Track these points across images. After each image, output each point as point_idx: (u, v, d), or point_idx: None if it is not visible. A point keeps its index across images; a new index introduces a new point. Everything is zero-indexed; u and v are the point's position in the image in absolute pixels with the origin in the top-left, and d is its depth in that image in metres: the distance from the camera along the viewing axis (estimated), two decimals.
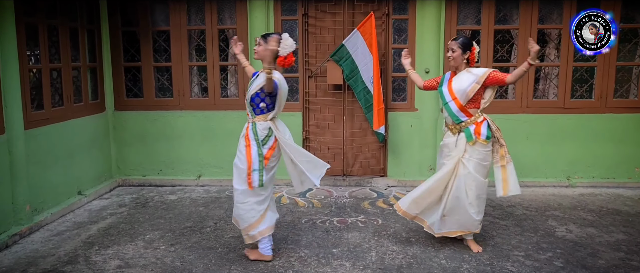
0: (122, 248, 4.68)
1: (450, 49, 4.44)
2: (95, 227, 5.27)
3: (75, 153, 6.05)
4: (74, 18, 6.08)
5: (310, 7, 6.64)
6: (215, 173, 6.95)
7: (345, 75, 6.49)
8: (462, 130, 4.41)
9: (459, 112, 4.41)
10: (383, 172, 6.95)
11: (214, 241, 4.86)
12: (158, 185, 6.92)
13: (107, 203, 6.13)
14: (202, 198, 6.32)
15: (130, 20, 6.88)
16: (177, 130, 6.91)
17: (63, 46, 5.83)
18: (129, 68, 6.95)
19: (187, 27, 6.76)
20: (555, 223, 5.33)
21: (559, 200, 6.12)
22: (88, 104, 6.39)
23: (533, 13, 6.49)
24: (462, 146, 4.39)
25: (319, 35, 6.69)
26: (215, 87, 6.84)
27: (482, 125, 4.37)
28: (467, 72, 4.44)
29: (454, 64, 4.47)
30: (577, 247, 4.67)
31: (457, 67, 4.49)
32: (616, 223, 5.31)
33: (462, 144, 4.39)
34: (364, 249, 4.64)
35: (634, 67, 6.72)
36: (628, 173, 6.74)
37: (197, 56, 6.99)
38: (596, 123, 6.66)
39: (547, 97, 6.81)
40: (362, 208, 5.84)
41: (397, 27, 6.74)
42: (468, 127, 4.38)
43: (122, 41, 6.82)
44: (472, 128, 4.36)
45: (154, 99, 6.92)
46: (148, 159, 6.98)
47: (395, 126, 6.78)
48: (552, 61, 6.73)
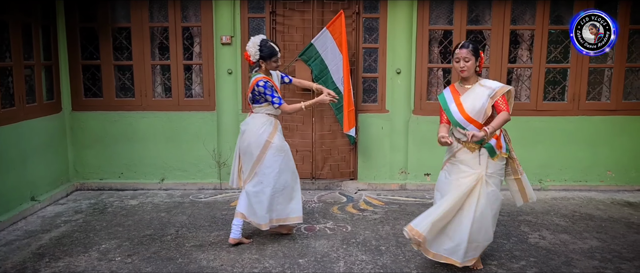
0: (74, 260, 4.38)
1: (462, 59, 3.88)
2: (47, 236, 4.95)
3: (28, 156, 5.70)
4: (28, 13, 5.73)
5: (278, 4, 6.40)
6: (179, 176, 6.66)
7: (315, 75, 6.27)
8: (483, 146, 3.89)
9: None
10: (353, 175, 6.76)
11: (174, 251, 4.59)
12: (119, 189, 6.61)
13: (62, 209, 5.81)
14: (165, 203, 6.04)
15: (88, 16, 6.52)
16: (139, 132, 6.61)
17: (14, 43, 5.46)
18: (88, 67, 6.60)
19: (149, 24, 6.45)
20: (528, 228, 5.21)
21: (531, 204, 5.97)
22: (43, 104, 6.04)
23: (505, 14, 6.37)
24: (485, 162, 3.88)
25: (287, 34, 6.46)
26: (179, 87, 6.56)
27: (500, 138, 3.96)
28: (479, 86, 3.94)
29: (467, 75, 3.94)
30: (551, 255, 4.54)
31: (467, 78, 3.99)
32: (589, 229, 5.21)
33: (485, 160, 3.88)
34: (332, 259, 4.43)
35: (605, 69, 6.65)
36: (600, 176, 6.68)
37: (160, 54, 6.69)
38: (569, 126, 6.58)
39: (519, 99, 6.69)
40: (331, 214, 5.64)
41: (367, 26, 6.55)
42: (489, 142, 3.87)
43: (80, 37, 6.47)
44: (494, 143, 3.88)
45: (115, 99, 6.60)
46: (108, 162, 6.66)
47: (365, 128, 6.59)
48: (525, 62, 6.62)
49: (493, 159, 3.90)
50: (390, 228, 5.20)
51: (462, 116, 3.90)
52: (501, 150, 3.94)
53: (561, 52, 6.66)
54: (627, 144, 6.62)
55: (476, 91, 3.93)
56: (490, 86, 3.92)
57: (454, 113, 3.93)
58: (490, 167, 3.91)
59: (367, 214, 5.65)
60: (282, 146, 4.68)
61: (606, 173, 6.67)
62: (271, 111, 4.63)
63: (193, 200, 6.16)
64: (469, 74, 3.94)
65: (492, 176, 3.93)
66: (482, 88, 3.91)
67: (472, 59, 3.89)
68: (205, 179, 6.65)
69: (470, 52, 3.88)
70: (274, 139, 4.59)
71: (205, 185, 6.64)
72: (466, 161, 3.92)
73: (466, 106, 3.91)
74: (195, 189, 6.60)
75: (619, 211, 5.81)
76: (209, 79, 6.51)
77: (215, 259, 4.41)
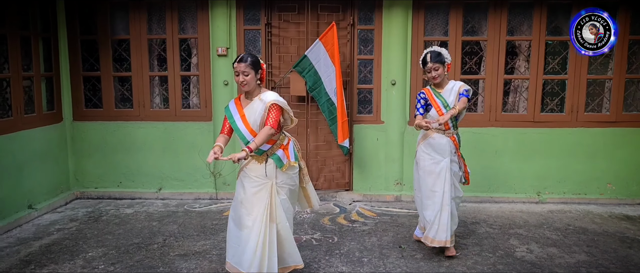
0: (59, 267, 4.47)
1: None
2: (37, 244, 5.06)
3: (25, 165, 5.84)
4: (26, 26, 5.89)
5: (273, 16, 6.47)
6: (175, 185, 6.75)
7: (309, 86, 6.31)
8: (270, 156, 3.87)
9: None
10: (348, 186, 6.76)
11: (157, 260, 4.65)
12: (117, 198, 6.72)
13: (58, 217, 5.93)
14: (159, 212, 6.12)
15: (89, 28, 6.69)
16: (138, 141, 6.72)
17: (12, 55, 5.63)
18: (88, 78, 6.76)
19: (148, 36, 6.58)
20: (516, 242, 5.14)
21: (526, 217, 5.94)
22: (42, 114, 6.19)
23: (502, 24, 6.33)
24: (272, 172, 3.88)
25: (282, 45, 6.51)
26: (177, 98, 6.66)
27: (288, 148, 3.99)
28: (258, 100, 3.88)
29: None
30: (534, 269, 4.48)
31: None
32: (580, 243, 5.12)
33: (272, 170, 3.88)
34: (312, 270, 4.45)
35: (606, 80, 6.55)
36: (600, 189, 6.56)
37: (158, 65, 6.81)
38: (567, 138, 6.49)
39: (517, 111, 6.63)
40: (321, 225, 5.65)
41: (362, 38, 6.57)
42: (276, 153, 3.88)
43: (81, 49, 6.63)
44: (281, 153, 3.90)
45: (114, 110, 6.73)
46: (107, 171, 6.78)
47: (360, 139, 6.60)
48: (522, 73, 6.56)
49: (281, 169, 3.87)
50: (376, 239, 5.19)
51: (245, 127, 3.86)
52: (290, 160, 3.92)
53: (559, 63, 6.58)
54: (628, 156, 6.51)
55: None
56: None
57: (239, 124, 3.88)
58: (278, 177, 3.89)
59: (356, 225, 5.64)
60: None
61: (606, 185, 6.55)
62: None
63: (187, 209, 6.23)
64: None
65: (282, 186, 3.91)
66: (260, 102, 3.85)
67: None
68: (202, 189, 6.73)
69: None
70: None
71: (202, 195, 6.71)
72: (255, 172, 3.87)
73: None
74: (191, 199, 6.68)
75: (615, 225, 5.69)
76: (206, 90, 6.60)
77: (196, 268, 4.46)
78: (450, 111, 4.38)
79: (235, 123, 3.89)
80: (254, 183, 3.86)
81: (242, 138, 3.86)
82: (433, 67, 4.47)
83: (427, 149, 4.62)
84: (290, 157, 3.93)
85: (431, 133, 4.58)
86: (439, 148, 4.57)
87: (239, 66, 3.77)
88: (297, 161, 4.01)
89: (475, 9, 6.44)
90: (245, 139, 3.83)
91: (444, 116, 4.34)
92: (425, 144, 4.63)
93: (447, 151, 4.56)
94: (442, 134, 4.57)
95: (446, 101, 4.51)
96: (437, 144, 4.57)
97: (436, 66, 4.47)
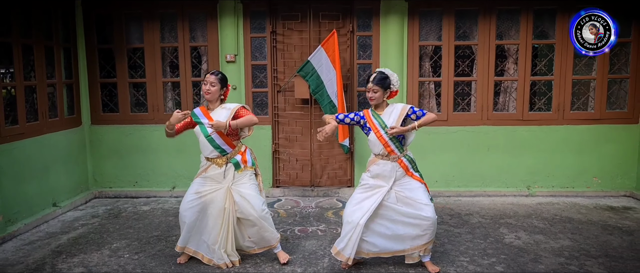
0: (88, 257, 4.92)
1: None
2: (65, 237, 5.51)
3: (50, 166, 6.30)
4: (49, 36, 6.35)
5: (278, 25, 6.93)
6: (188, 184, 7.07)
7: (312, 90, 6.76)
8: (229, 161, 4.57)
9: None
10: (350, 183, 7.20)
11: None
12: (133, 197, 7.16)
13: (80, 214, 6.37)
14: (174, 208, 6.56)
15: (106, 38, 7.16)
16: (152, 143, 7.17)
17: (38, 64, 6.10)
18: (105, 84, 7.22)
19: (161, 45, 7.05)
20: (506, 230, 5.58)
21: (516, 209, 6.38)
22: (64, 119, 6.65)
23: (491, 30, 6.78)
24: (230, 175, 4.58)
25: (287, 51, 6.97)
26: (188, 102, 7.11)
27: (246, 154, 4.66)
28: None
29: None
30: (521, 253, 4.91)
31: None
32: (565, 231, 5.56)
33: (231, 173, 4.57)
34: (318, 256, 4.88)
35: (590, 80, 6.99)
36: (587, 182, 7.01)
37: (170, 72, 7.27)
38: (555, 135, 6.94)
39: (507, 110, 7.08)
40: (325, 218, 6.08)
41: (361, 44, 7.02)
42: (235, 158, 4.57)
43: (98, 58, 7.10)
44: (239, 158, 4.59)
45: (130, 114, 7.19)
46: (124, 172, 7.23)
47: (361, 139, 7.04)
48: (511, 75, 7.00)
49: (238, 171, 4.55)
50: None
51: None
52: (246, 165, 4.60)
53: (546, 65, 7.04)
54: (613, 151, 6.96)
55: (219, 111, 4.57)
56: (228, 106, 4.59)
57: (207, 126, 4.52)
58: (236, 178, 4.56)
59: None
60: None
61: (592, 179, 7.00)
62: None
63: None
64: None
65: (242, 184, 4.56)
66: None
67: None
68: None
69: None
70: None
71: None
72: (214, 176, 4.57)
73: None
74: None
75: (599, 215, 6.13)
76: None
77: None
78: (412, 123, 4.30)
79: (204, 125, 4.53)
80: (210, 188, 4.58)
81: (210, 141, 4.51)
82: (372, 89, 4.33)
83: (372, 175, 4.47)
84: (247, 162, 4.62)
85: (376, 159, 4.43)
86: (384, 174, 4.38)
87: (210, 78, 4.51)
88: (253, 166, 4.70)
89: (467, 15, 6.90)
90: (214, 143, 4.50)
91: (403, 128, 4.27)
92: (371, 170, 4.48)
93: (392, 178, 4.37)
94: (387, 161, 4.37)
95: (384, 122, 4.32)
96: (382, 171, 4.39)
97: (376, 89, 4.32)
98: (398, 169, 4.38)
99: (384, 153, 4.38)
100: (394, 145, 4.34)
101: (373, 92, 4.33)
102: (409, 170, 4.42)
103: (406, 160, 4.41)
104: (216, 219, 4.55)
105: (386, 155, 4.38)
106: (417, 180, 4.43)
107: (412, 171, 4.44)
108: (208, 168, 4.60)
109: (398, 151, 4.37)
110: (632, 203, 6.67)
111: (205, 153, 4.61)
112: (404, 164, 4.39)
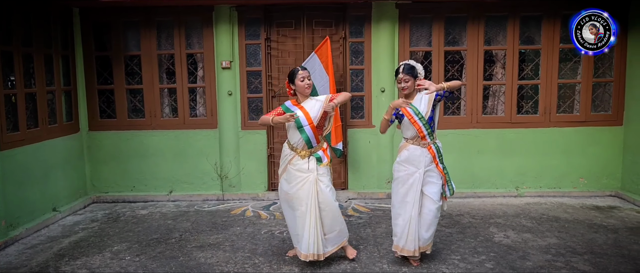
0: (90, 259, 5.05)
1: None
2: (67, 241, 5.63)
3: (50, 171, 6.42)
4: (49, 45, 6.48)
5: (272, 32, 7.10)
6: (185, 188, 7.33)
7: None
8: (312, 154, 4.66)
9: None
10: (344, 185, 7.37)
11: (177, 251, 5.24)
12: (131, 201, 7.29)
13: (80, 219, 6.50)
14: (172, 212, 6.70)
15: (103, 45, 7.31)
16: (150, 149, 7.30)
17: (38, 72, 6.22)
18: (103, 91, 7.35)
19: (157, 52, 7.19)
20: (495, 229, 5.77)
21: (505, 209, 6.57)
22: (63, 125, 6.77)
23: (479, 35, 6.99)
24: (314, 166, 4.65)
25: (281, 58, 7.14)
26: (185, 108, 7.25)
27: (327, 151, 4.77)
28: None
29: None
30: (510, 251, 5.10)
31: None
32: (552, 229, 5.75)
33: (314, 164, 4.65)
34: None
35: (575, 84, 7.21)
36: (573, 183, 7.22)
37: (167, 78, 7.41)
38: (542, 137, 7.15)
39: (495, 113, 7.28)
40: None
41: (354, 50, 7.20)
42: (318, 153, 4.68)
43: (95, 65, 7.23)
44: (321, 154, 4.69)
45: (127, 120, 7.32)
46: (122, 177, 7.36)
47: (354, 142, 7.22)
48: (499, 79, 7.21)
49: (320, 165, 4.65)
50: (371, 230, 5.79)
51: (307, 120, 4.60)
52: (328, 160, 4.71)
53: (532, 70, 7.26)
54: (598, 152, 7.18)
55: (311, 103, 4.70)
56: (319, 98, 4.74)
57: (302, 119, 4.61)
58: (319, 170, 4.65)
59: (353, 219, 6.24)
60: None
61: (579, 180, 7.21)
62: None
63: (197, 209, 6.81)
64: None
65: (323, 175, 4.66)
66: (316, 101, 4.70)
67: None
68: (209, 191, 7.31)
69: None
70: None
71: (209, 196, 7.29)
72: (299, 166, 4.66)
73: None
74: (200, 200, 7.26)
75: (585, 214, 6.34)
76: (212, 100, 7.20)
77: (212, 257, 5.04)
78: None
79: (298, 118, 4.59)
80: (299, 180, 4.64)
81: (304, 135, 4.61)
82: (403, 79, 4.58)
83: (402, 160, 4.69)
84: (329, 158, 4.73)
85: (407, 144, 4.66)
86: (414, 159, 4.61)
87: (304, 72, 4.64)
88: (331, 163, 4.79)
89: (456, 21, 7.10)
90: (306, 136, 4.61)
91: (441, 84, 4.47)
92: (401, 156, 4.70)
93: (421, 162, 4.59)
94: (417, 146, 4.61)
95: (417, 109, 4.57)
96: (412, 156, 4.62)
97: (407, 78, 4.57)
98: (427, 155, 4.62)
99: (416, 137, 4.62)
100: (426, 131, 4.58)
101: (404, 82, 4.60)
102: (435, 159, 4.65)
103: (435, 148, 4.65)
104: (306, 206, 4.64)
105: (417, 139, 4.62)
106: (439, 171, 4.68)
107: (438, 160, 4.67)
108: (292, 158, 4.70)
109: (429, 137, 4.61)
110: (617, 202, 6.90)
111: (293, 140, 4.71)
112: (433, 152, 4.63)
